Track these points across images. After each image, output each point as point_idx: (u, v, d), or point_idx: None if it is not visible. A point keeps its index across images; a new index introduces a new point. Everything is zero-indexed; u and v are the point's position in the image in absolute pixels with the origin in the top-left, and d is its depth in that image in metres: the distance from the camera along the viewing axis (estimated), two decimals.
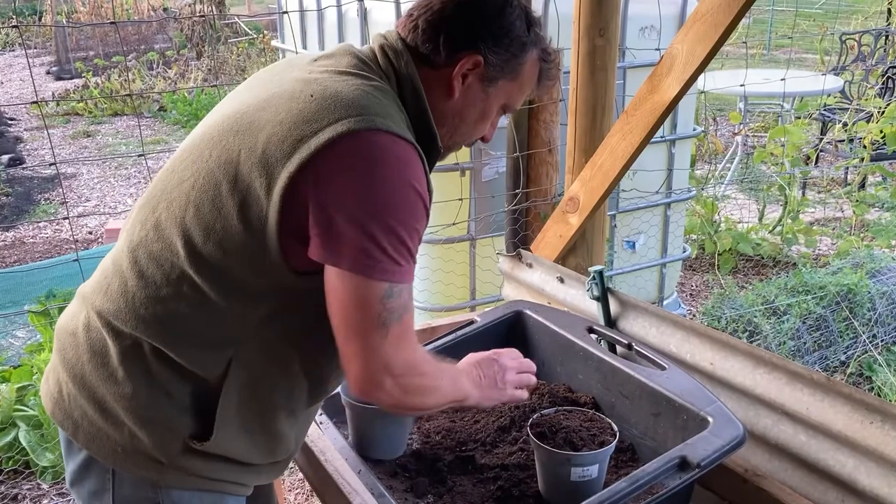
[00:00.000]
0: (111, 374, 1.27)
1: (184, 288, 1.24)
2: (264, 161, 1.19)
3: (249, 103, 1.29)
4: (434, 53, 1.32)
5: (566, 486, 1.41)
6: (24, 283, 4.69)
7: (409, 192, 1.19)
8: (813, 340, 3.72)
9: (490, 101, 1.38)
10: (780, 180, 5.25)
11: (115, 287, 1.29)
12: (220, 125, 1.29)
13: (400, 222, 1.18)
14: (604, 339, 1.84)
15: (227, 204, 1.21)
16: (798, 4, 13.28)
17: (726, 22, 1.88)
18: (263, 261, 1.21)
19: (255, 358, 1.27)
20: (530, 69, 1.39)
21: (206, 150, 1.27)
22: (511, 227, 2.64)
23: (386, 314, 1.19)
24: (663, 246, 3.90)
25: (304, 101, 1.22)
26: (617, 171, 2.24)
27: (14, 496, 3.05)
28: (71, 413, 1.32)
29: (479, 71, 1.33)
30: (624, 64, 3.32)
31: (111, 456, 1.29)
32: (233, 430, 1.29)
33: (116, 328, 1.27)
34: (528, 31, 1.36)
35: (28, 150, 8.21)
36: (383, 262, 1.17)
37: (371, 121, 1.19)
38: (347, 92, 1.23)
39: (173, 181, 1.29)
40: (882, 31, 8.05)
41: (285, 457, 1.41)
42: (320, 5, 3.65)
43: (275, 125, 1.21)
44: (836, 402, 1.41)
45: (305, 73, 1.30)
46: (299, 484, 3.08)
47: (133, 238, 1.30)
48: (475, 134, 1.43)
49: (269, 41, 10.60)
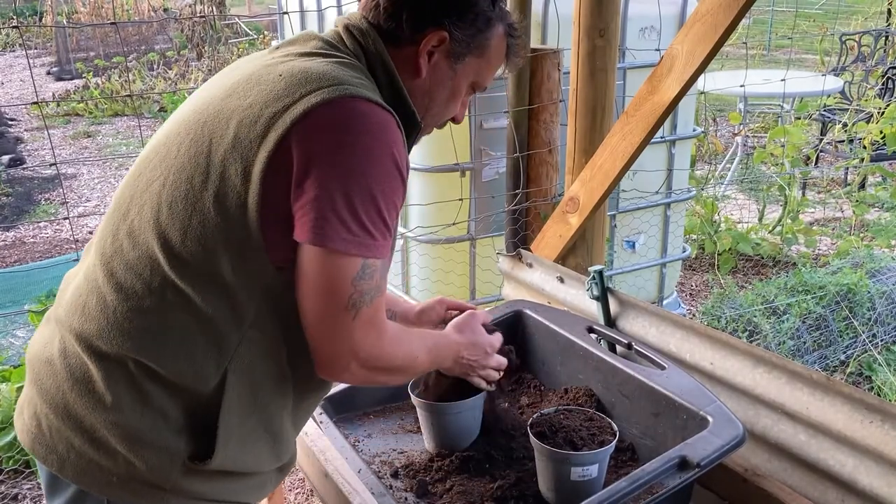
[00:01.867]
0: (98, 400, 1.19)
1: (168, 295, 1.18)
2: (237, 146, 1.15)
3: (213, 95, 1.25)
4: (398, 31, 1.29)
5: (566, 486, 1.41)
6: (25, 283, 4.69)
7: (387, 160, 1.16)
8: (813, 340, 3.72)
9: (458, 78, 1.35)
10: (780, 180, 5.25)
11: (93, 305, 1.21)
12: (184, 121, 1.25)
13: (379, 192, 1.15)
14: (604, 339, 1.84)
15: (201, 197, 1.16)
16: (798, 5, 13.28)
17: (726, 22, 1.88)
18: (245, 254, 1.16)
19: (251, 362, 1.22)
20: (497, 45, 1.36)
21: (172, 148, 1.23)
22: (511, 227, 2.64)
23: (357, 296, 1.16)
24: (663, 246, 3.90)
25: (272, 81, 1.19)
26: (617, 172, 2.24)
27: (14, 496, 3.06)
28: (55, 447, 1.23)
29: (445, 47, 1.31)
30: (624, 64, 3.32)
31: (106, 487, 1.21)
32: (236, 442, 1.23)
33: (98, 349, 1.19)
34: (493, 5, 1.33)
35: (28, 150, 8.21)
36: (359, 237, 1.14)
37: (345, 89, 1.16)
38: (317, 67, 1.20)
39: (141, 185, 1.24)
40: (882, 31, 8.05)
41: (288, 458, 1.38)
42: (320, 5, 3.66)
43: (244, 109, 1.18)
44: (836, 402, 1.41)
45: (269, 60, 1.27)
46: (299, 484, 3.08)
47: (105, 250, 1.23)
48: (446, 114, 1.41)
49: (269, 41, 10.60)
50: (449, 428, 1.62)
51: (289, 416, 1.33)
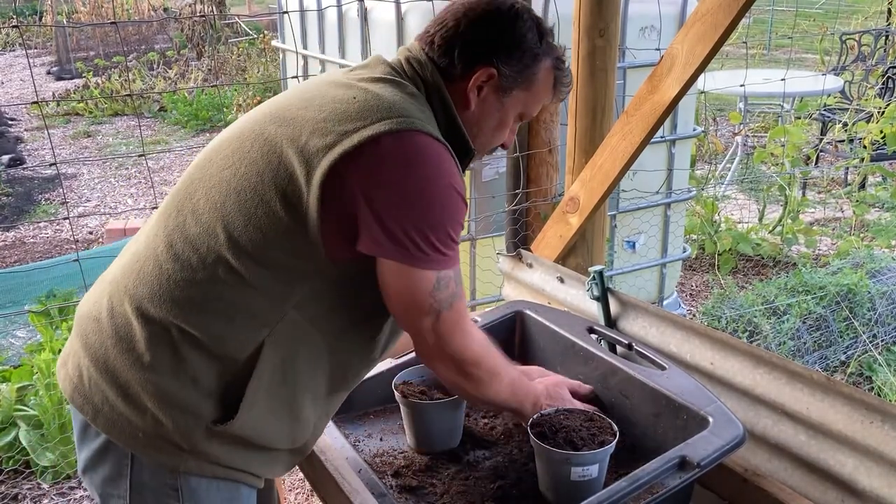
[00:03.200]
0: (137, 358, 1.29)
1: (219, 271, 1.27)
2: (306, 151, 1.25)
3: (290, 103, 1.35)
4: (450, 67, 1.39)
5: (566, 486, 1.41)
6: (24, 283, 4.69)
7: (449, 190, 1.27)
8: (813, 340, 3.72)
9: (506, 110, 1.44)
10: (780, 180, 5.25)
11: (150, 270, 1.31)
12: (259, 121, 1.35)
13: (445, 218, 1.27)
14: (604, 339, 1.84)
15: (269, 190, 1.26)
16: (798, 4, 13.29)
17: (726, 22, 1.88)
18: (303, 246, 1.26)
19: (287, 340, 1.31)
20: (544, 78, 1.44)
21: (246, 142, 1.32)
22: (511, 227, 2.64)
23: (436, 304, 1.29)
24: (663, 246, 3.90)
25: (347, 101, 1.29)
26: (617, 172, 2.24)
27: (14, 496, 3.06)
28: (91, 397, 1.33)
29: (494, 83, 1.39)
30: (624, 64, 3.32)
31: (131, 441, 1.30)
32: (259, 411, 1.31)
33: (147, 312, 1.29)
34: (541, 42, 1.41)
35: (28, 150, 8.21)
36: (430, 255, 1.26)
37: (411, 122, 1.26)
38: (388, 96, 1.30)
39: (212, 170, 1.34)
40: (882, 31, 8.05)
41: (303, 444, 1.44)
42: (320, 5, 3.66)
43: (318, 121, 1.27)
44: (836, 402, 1.41)
45: (344, 79, 1.37)
46: (299, 484, 3.08)
47: (169, 224, 1.34)
48: (494, 142, 1.49)
49: (269, 41, 10.60)
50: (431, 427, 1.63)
51: (314, 402, 1.40)
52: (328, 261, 1.28)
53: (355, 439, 1.71)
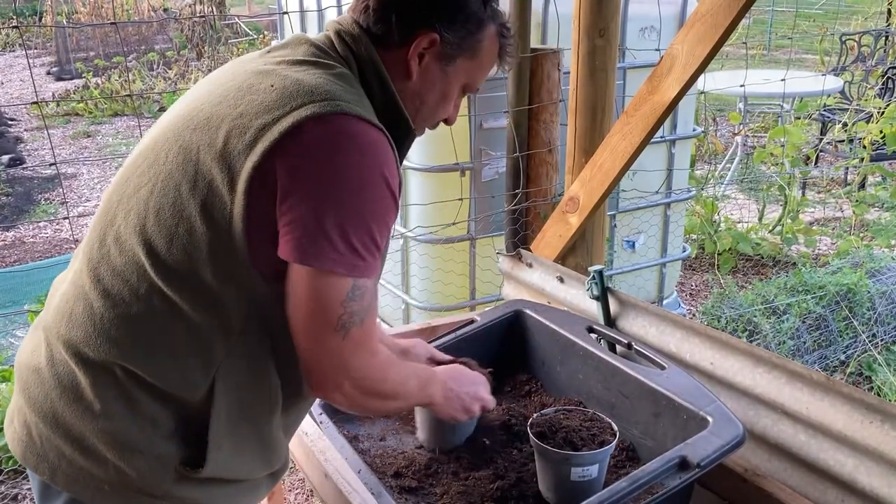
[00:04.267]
0: (87, 407, 1.18)
1: (155, 302, 1.16)
2: (225, 155, 1.14)
3: (204, 100, 1.23)
4: (387, 34, 1.27)
5: (566, 486, 1.41)
6: (24, 283, 4.69)
7: (379, 182, 1.15)
8: (813, 340, 3.72)
9: (450, 80, 1.33)
10: (779, 180, 5.25)
11: (80, 311, 1.20)
12: (173, 125, 1.23)
13: (369, 213, 1.14)
14: (604, 339, 1.84)
15: (188, 205, 1.15)
16: (798, 5, 13.28)
17: (726, 22, 1.88)
18: (231, 264, 1.15)
19: (238, 371, 1.20)
20: (489, 46, 1.34)
21: (161, 153, 1.21)
22: (511, 227, 2.64)
23: (346, 317, 1.15)
24: (663, 246, 3.90)
25: (264, 91, 1.18)
26: (617, 172, 2.24)
27: (14, 496, 3.06)
28: (46, 455, 1.22)
29: (436, 50, 1.28)
30: (624, 64, 3.32)
31: (98, 495, 1.20)
32: (227, 451, 1.22)
33: (85, 356, 1.18)
34: (485, 6, 1.31)
35: (28, 150, 8.21)
36: (347, 256, 1.12)
37: (337, 105, 1.14)
38: (309, 80, 1.18)
39: (129, 190, 1.22)
40: (882, 31, 8.05)
41: (280, 465, 1.36)
42: (320, 5, 3.65)
43: (234, 118, 1.16)
44: (836, 402, 1.41)
45: (261, 66, 1.25)
46: (299, 484, 3.08)
47: (92, 256, 1.22)
48: (438, 116, 1.38)
49: (269, 41, 10.60)
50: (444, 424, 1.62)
51: (279, 423, 1.31)
52: (261, 279, 1.16)
53: (355, 439, 1.71)
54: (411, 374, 1.37)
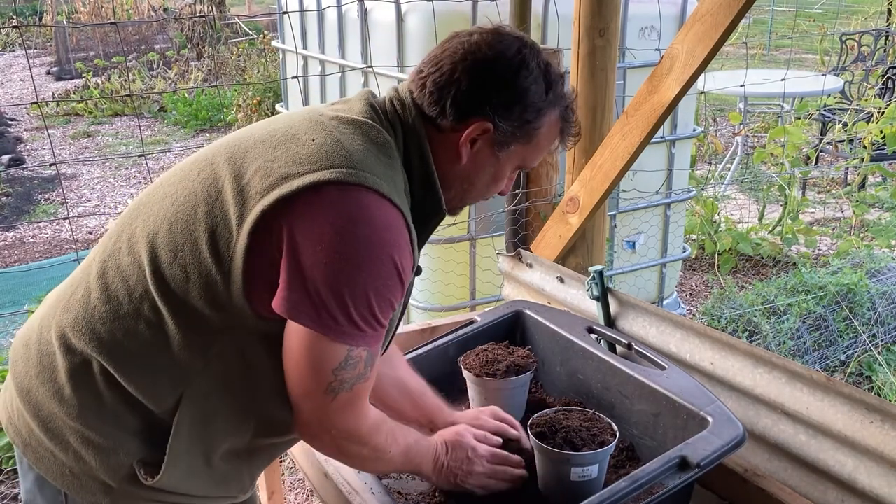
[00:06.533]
0: (58, 390, 1.19)
1: (144, 308, 1.17)
2: (245, 192, 1.14)
3: (254, 134, 1.25)
4: (440, 117, 1.25)
5: (566, 486, 1.41)
6: (24, 283, 4.70)
7: (386, 262, 1.13)
8: (813, 340, 3.72)
9: (502, 164, 1.30)
10: (780, 180, 5.25)
11: (78, 297, 1.22)
12: (218, 148, 1.25)
13: (372, 290, 1.12)
14: (604, 339, 1.84)
15: (199, 227, 1.15)
16: (798, 4, 13.29)
17: (726, 22, 1.88)
18: (224, 297, 1.14)
19: (207, 394, 1.20)
20: (548, 131, 1.31)
21: (194, 170, 1.22)
22: (511, 227, 2.64)
23: (336, 384, 1.16)
24: (663, 246, 3.90)
25: (304, 143, 1.18)
26: (617, 172, 2.24)
27: (14, 496, 3.05)
28: (20, 430, 1.25)
29: (489, 137, 1.25)
30: (624, 64, 3.32)
31: (60, 478, 1.22)
32: (183, 468, 1.22)
33: (69, 342, 1.20)
34: (547, 94, 1.27)
35: (28, 150, 8.21)
36: (344, 327, 1.12)
37: (362, 176, 1.13)
38: (348, 143, 1.17)
39: (157, 196, 1.24)
40: (882, 31, 8.05)
41: (242, 496, 1.34)
42: (320, 5, 3.65)
43: (267, 160, 1.16)
44: (836, 402, 1.41)
45: (317, 115, 1.25)
46: (299, 484, 3.08)
47: (107, 248, 1.24)
48: (487, 194, 1.36)
49: (269, 41, 10.60)
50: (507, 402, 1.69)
51: (240, 456, 1.29)
52: (255, 317, 1.15)
53: None
54: (396, 443, 1.33)
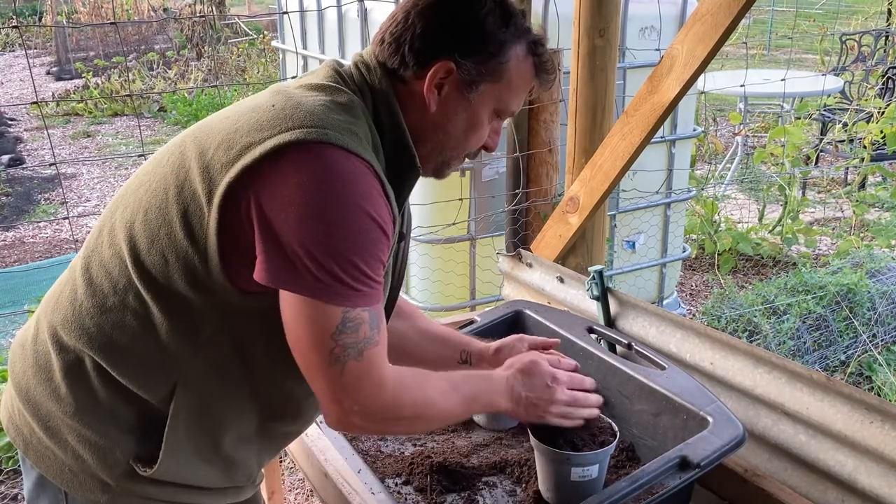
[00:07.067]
0: (54, 389, 1.20)
1: (129, 299, 1.17)
2: (209, 167, 1.13)
3: (221, 113, 1.24)
4: (401, 67, 1.23)
5: (566, 486, 1.41)
6: (24, 283, 4.70)
7: (359, 213, 1.09)
8: (813, 340, 3.72)
9: (475, 108, 1.26)
10: (780, 180, 5.25)
11: (66, 295, 1.23)
12: (188, 132, 1.25)
13: (349, 246, 1.09)
14: (604, 339, 1.84)
15: (172, 210, 1.15)
16: (798, 5, 13.30)
17: (726, 22, 1.88)
18: (205, 277, 1.13)
19: (202, 380, 1.19)
20: (518, 66, 1.26)
21: (165, 156, 1.22)
22: (511, 227, 2.64)
23: (339, 351, 1.10)
24: (663, 246, 3.90)
25: (264, 110, 1.16)
26: (617, 172, 2.24)
27: (14, 496, 3.06)
28: (20, 429, 1.26)
29: (454, 78, 1.22)
30: (624, 64, 3.32)
31: (59, 477, 1.22)
32: (184, 456, 1.21)
33: (61, 341, 1.21)
34: (506, 26, 1.23)
35: (28, 150, 8.21)
36: (333, 286, 1.08)
37: (324, 134, 1.10)
38: (309, 104, 1.15)
39: (132, 186, 1.24)
40: (882, 31, 8.06)
41: (249, 482, 1.33)
42: (320, 5, 3.66)
43: (230, 132, 1.15)
44: (836, 402, 1.41)
45: (282, 87, 1.25)
46: (299, 484, 3.08)
47: (90, 244, 1.25)
48: (469, 146, 1.31)
49: (269, 41, 10.60)
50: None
51: (251, 442, 1.29)
52: (239, 294, 1.14)
53: (355, 439, 1.71)
54: (444, 390, 1.27)
